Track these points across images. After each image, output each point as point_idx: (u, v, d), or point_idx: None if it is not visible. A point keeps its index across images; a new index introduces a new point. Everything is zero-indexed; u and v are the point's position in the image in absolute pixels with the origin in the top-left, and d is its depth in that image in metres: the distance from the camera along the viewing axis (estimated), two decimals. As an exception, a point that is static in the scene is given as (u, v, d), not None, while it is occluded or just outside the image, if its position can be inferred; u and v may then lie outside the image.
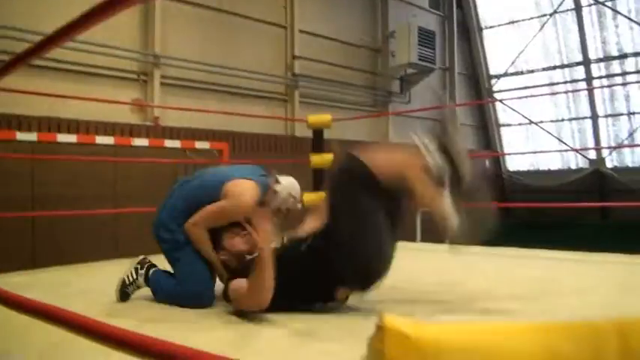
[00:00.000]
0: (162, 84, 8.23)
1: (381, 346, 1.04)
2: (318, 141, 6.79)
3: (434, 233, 3.45)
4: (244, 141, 8.97)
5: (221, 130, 8.57)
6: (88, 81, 7.42)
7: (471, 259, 4.31)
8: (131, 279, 3.41)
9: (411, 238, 7.37)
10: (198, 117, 8.19)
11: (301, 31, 10.44)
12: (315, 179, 6.64)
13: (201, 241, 3.31)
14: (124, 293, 3.39)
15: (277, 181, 3.49)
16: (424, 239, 7.32)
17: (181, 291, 3.31)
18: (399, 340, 1.02)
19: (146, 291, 3.42)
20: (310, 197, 6.41)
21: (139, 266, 3.47)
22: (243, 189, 3.33)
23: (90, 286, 3.95)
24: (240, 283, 2.92)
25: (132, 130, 7.59)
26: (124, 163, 7.14)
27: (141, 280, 3.44)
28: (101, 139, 6.50)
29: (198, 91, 8.72)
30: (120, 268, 3.52)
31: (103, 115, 7.33)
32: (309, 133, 7.01)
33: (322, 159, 6.58)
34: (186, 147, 7.10)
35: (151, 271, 3.46)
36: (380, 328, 1.04)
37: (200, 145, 7.06)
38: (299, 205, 3.67)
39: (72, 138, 6.31)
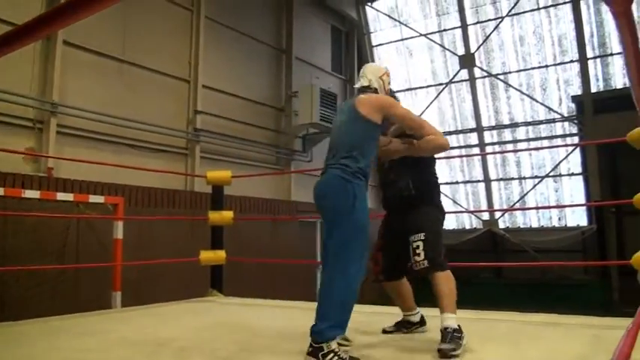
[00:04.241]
0: (58, 133, 7.96)
1: None
2: (217, 198, 6.65)
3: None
4: (141, 195, 8.73)
5: (117, 184, 8.33)
6: (-23, 127, 7.09)
7: (364, 319, 4.34)
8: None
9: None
10: (95, 169, 7.88)
11: (204, 87, 10.44)
12: (214, 237, 6.49)
13: None
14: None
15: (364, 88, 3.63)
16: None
17: (353, 273, 3.14)
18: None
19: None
20: (208, 255, 6.29)
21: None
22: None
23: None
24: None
25: (24, 181, 7.25)
26: (13, 216, 6.76)
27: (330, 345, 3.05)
28: (-11, 190, 6.18)
29: (95, 142, 8.49)
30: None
31: (-7, 164, 6.99)
32: (210, 189, 6.90)
33: (221, 217, 6.43)
34: (80, 200, 6.85)
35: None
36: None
37: (94, 198, 6.84)
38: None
39: (-43, 188, 5.98)
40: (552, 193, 14.22)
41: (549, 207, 14.99)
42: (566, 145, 14.43)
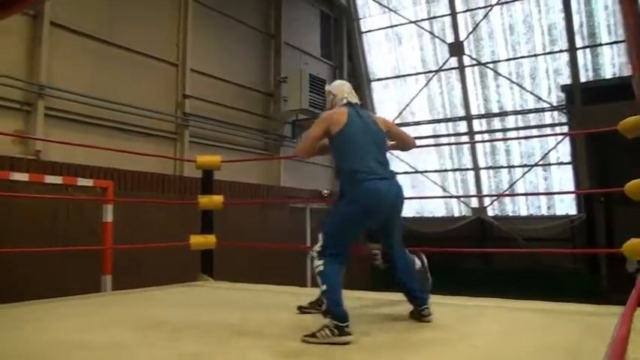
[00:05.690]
0: (46, 115, 7.87)
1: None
2: (207, 182, 6.61)
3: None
4: (130, 179, 8.65)
5: (106, 167, 8.24)
6: (-37, 109, 6.99)
7: (352, 304, 4.34)
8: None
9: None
10: (83, 152, 7.80)
11: (193, 70, 10.36)
12: (204, 221, 6.46)
13: None
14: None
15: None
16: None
17: None
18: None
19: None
20: (198, 240, 6.26)
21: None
22: None
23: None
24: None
25: (12, 164, 7.13)
26: (1, 198, 6.65)
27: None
28: (-23, 172, 6.09)
29: (84, 125, 8.41)
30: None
31: (-19, 147, 6.89)
32: (199, 174, 6.86)
33: (211, 201, 6.39)
34: (68, 183, 6.77)
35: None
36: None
37: (83, 182, 6.76)
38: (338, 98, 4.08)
39: (-54, 169, 5.88)
40: (542, 182, 14.28)
41: (539, 194, 15.02)
42: (556, 134, 14.48)
